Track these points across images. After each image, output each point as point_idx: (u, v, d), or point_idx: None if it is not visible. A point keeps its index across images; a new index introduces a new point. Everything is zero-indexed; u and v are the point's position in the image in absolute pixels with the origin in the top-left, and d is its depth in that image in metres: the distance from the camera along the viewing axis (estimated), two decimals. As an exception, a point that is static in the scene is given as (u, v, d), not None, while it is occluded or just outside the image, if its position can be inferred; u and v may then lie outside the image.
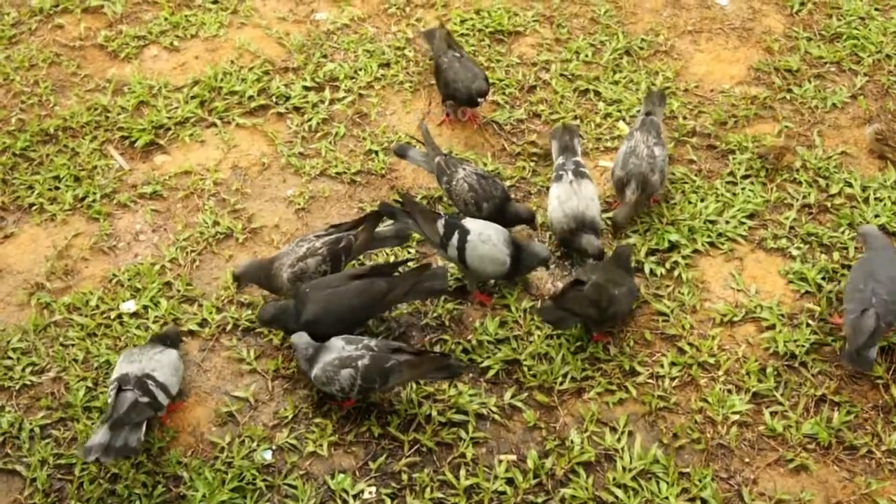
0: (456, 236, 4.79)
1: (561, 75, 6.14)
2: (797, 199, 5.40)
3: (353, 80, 6.10)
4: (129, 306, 4.89)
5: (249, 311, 4.84)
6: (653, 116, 5.41)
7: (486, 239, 4.80)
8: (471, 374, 4.64)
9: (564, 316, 4.65)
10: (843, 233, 5.22)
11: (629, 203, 5.14)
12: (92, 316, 4.85)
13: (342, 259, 4.79)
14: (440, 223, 4.84)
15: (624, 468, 4.29)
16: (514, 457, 4.34)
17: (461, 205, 5.14)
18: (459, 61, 5.70)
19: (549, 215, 5.08)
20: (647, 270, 5.04)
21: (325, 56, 6.27)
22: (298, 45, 6.32)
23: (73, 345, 4.74)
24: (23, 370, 4.65)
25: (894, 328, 4.60)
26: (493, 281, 5.00)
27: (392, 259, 5.07)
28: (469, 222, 4.87)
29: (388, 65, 6.23)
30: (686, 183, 5.50)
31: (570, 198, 4.99)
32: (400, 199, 5.00)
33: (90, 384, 4.57)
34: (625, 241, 5.13)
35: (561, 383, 4.59)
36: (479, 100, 5.62)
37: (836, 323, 4.77)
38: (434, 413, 4.47)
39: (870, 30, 6.45)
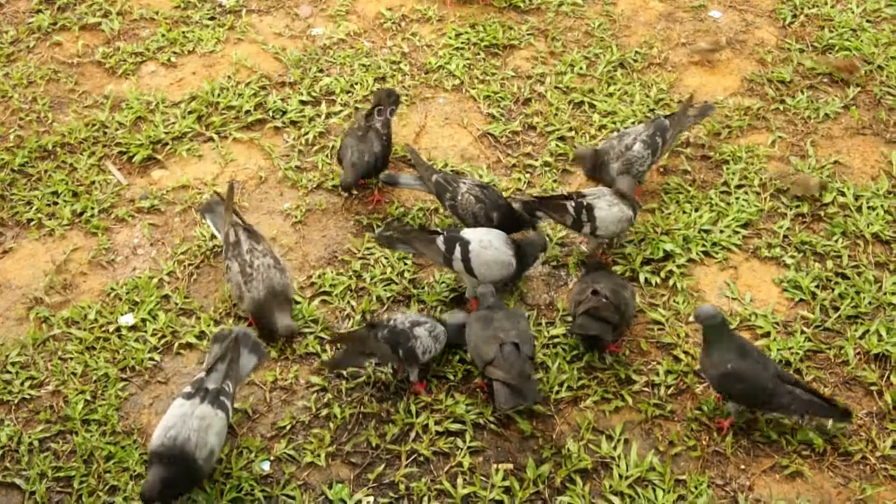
0: (458, 249, 4.79)
1: (556, 88, 6.19)
2: (791, 209, 5.44)
3: (350, 94, 6.14)
4: (128, 320, 4.91)
5: (246, 323, 4.86)
6: (667, 120, 5.41)
7: (488, 244, 4.80)
8: (468, 385, 4.66)
9: (603, 326, 4.58)
10: (836, 241, 5.25)
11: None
12: (90, 329, 4.87)
13: None
14: (439, 241, 4.83)
15: (620, 476, 4.31)
16: (511, 465, 4.35)
17: (470, 218, 5.08)
18: None
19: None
20: (642, 280, 5.08)
21: (321, 70, 6.32)
22: (295, 59, 6.36)
23: (71, 358, 4.75)
24: (22, 384, 4.66)
25: None
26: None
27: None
28: (467, 233, 4.86)
29: (383, 79, 6.27)
30: (680, 193, 5.54)
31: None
32: (394, 228, 5.01)
33: (89, 397, 4.59)
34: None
35: (557, 392, 4.61)
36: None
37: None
38: (431, 423, 4.48)
39: (861, 41, 6.50)
